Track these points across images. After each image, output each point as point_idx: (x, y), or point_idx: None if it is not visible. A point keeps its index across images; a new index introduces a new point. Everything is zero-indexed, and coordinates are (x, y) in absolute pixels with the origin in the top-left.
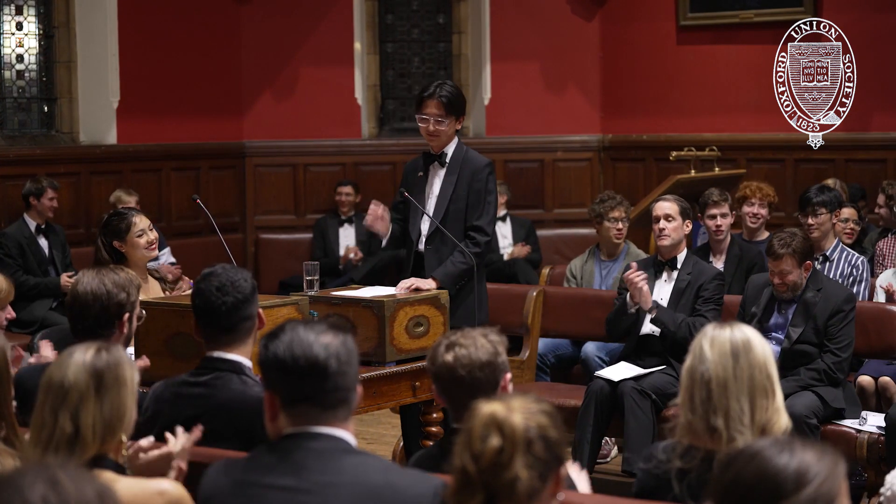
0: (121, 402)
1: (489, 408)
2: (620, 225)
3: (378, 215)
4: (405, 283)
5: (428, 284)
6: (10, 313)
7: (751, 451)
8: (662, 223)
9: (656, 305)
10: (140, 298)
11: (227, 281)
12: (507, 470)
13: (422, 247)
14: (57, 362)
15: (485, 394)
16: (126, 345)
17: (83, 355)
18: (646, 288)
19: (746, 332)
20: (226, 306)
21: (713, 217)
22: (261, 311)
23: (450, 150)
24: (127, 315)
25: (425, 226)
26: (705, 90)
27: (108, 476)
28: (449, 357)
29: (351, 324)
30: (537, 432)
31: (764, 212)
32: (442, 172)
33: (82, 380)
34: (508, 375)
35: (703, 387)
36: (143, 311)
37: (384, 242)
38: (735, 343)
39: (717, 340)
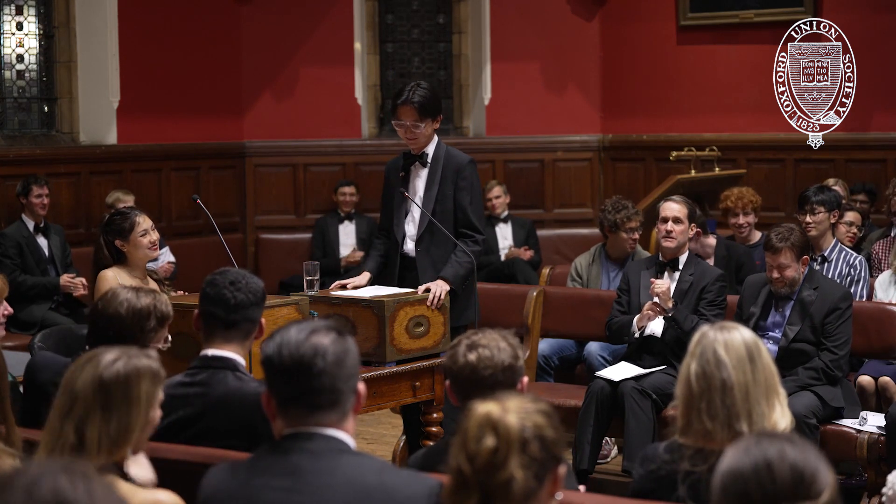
0: (129, 421)
1: (484, 408)
2: (636, 235)
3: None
4: (429, 298)
5: (440, 288)
6: (8, 309)
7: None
8: (670, 225)
9: (676, 304)
10: None
11: (241, 279)
12: (502, 470)
13: (407, 247)
14: (77, 363)
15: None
16: None
17: (96, 366)
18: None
19: (751, 333)
20: (234, 300)
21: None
22: (263, 321)
23: (430, 149)
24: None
25: (410, 227)
26: (705, 90)
27: (108, 479)
28: (472, 357)
29: (351, 324)
30: (533, 432)
31: (750, 219)
32: (424, 173)
33: (89, 393)
34: (525, 379)
35: (726, 393)
36: (170, 338)
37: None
38: (749, 346)
39: (731, 345)
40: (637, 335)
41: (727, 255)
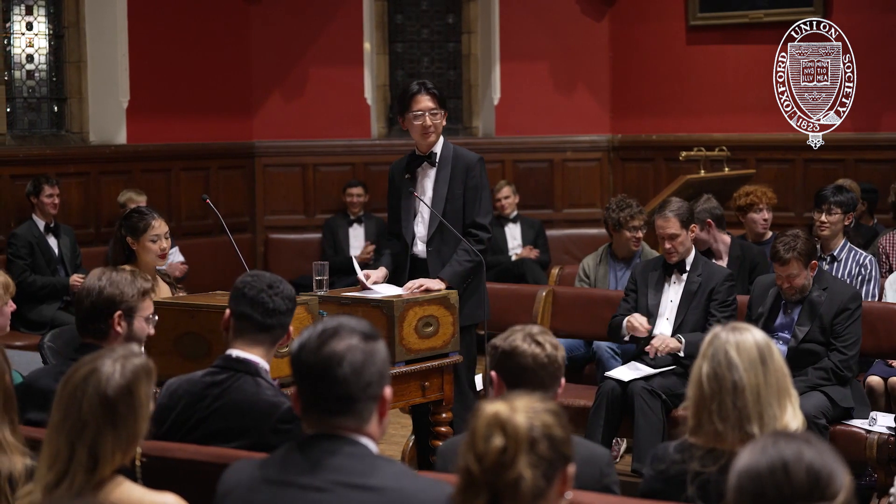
0: (137, 426)
1: (493, 407)
2: (640, 234)
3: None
4: (413, 284)
5: (437, 285)
6: (12, 305)
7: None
8: (667, 244)
9: (683, 343)
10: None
11: (277, 283)
12: (511, 469)
13: (417, 249)
14: (74, 377)
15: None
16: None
17: (98, 384)
18: (669, 344)
19: (763, 335)
20: (273, 304)
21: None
22: (291, 328)
23: (438, 148)
24: (119, 313)
25: (420, 228)
26: (715, 90)
27: (118, 485)
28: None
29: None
30: (542, 431)
31: (770, 215)
32: (432, 173)
33: (98, 415)
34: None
35: (737, 395)
36: (156, 316)
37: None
38: (760, 348)
39: (742, 346)
40: (626, 339)
41: (741, 255)
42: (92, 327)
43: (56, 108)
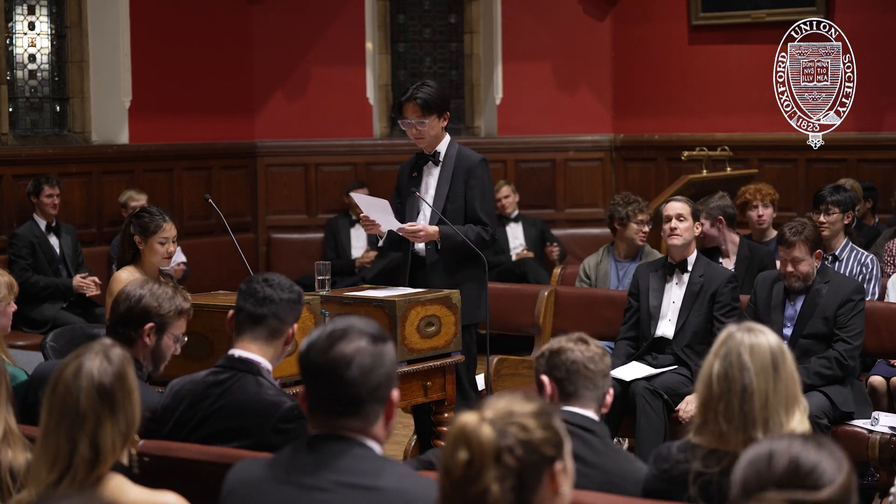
0: (133, 412)
1: (462, 420)
2: (646, 228)
3: (370, 222)
4: (411, 227)
5: (432, 230)
6: (13, 306)
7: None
8: (674, 222)
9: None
10: None
11: (275, 277)
12: (476, 483)
13: (418, 247)
14: (63, 376)
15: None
16: (157, 363)
17: (91, 377)
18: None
19: (777, 339)
20: (263, 293)
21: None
22: (294, 327)
23: (442, 148)
24: (151, 325)
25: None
26: (717, 90)
27: (117, 483)
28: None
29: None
30: (515, 440)
31: (769, 211)
32: (436, 171)
33: (96, 403)
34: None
35: (745, 399)
36: (186, 338)
37: (381, 242)
38: (774, 353)
39: (756, 350)
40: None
41: (750, 256)
42: (122, 332)
43: (58, 108)
